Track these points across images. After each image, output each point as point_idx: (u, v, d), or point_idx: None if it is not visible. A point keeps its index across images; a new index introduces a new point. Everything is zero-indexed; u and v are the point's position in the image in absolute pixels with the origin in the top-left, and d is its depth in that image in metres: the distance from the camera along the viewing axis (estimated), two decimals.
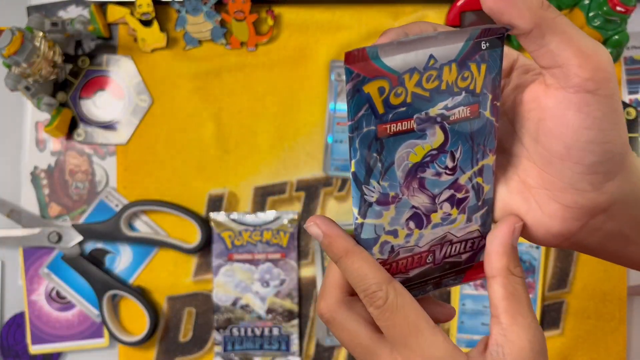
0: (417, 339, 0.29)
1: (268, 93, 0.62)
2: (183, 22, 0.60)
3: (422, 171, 0.29)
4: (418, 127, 0.28)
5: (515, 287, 0.30)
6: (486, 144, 0.30)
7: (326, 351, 0.61)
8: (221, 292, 0.61)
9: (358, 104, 0.27)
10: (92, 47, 0.63)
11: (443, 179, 0.30)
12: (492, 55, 0.28)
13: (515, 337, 0.29)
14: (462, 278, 0.33)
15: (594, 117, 0.27)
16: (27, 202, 0.62)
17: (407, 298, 0.29)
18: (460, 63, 0.28)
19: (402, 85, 0.27)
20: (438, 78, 0.28)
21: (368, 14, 0.61)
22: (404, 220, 0.30)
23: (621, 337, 0.60)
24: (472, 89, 0.28)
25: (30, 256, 0.62)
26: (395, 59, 0.27)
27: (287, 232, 0.61)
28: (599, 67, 0.27)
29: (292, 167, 0.62)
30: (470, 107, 0.29)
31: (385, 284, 0.29)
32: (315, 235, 0.31)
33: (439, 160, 0.29)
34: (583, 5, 0.54)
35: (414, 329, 0.29)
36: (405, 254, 0.31)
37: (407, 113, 0.28)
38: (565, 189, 0.29)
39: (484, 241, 0.32)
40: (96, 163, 0.62)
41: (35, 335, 0.62)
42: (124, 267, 0.62)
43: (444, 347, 0.29)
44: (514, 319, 0.29)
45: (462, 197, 0.31)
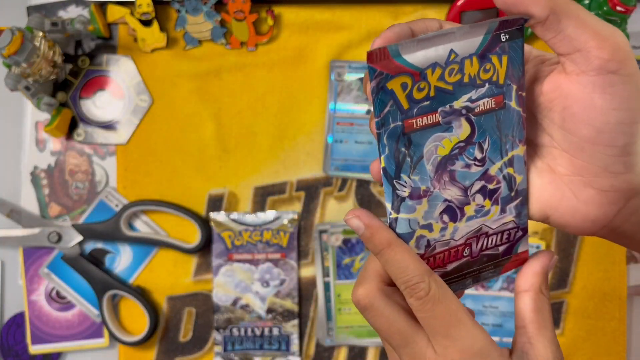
0: (459, 330, 0.29)
1: (268, 93, 0.62)
2: (183, 22, 0.60)
3: (451, 164, 0.30)
4: (443, 120, 0.29)
5: (543, 304, 0.31)
6: (515, 135, 0.30)
7: (326, 351, 0.61)
8: (221, 292, 0.61)
9: (383, 101, 0.28)
10: (92, 47, 0.63)
11: (473, 171, 0.30)
12: (512, 47, 0.28)
13: (541, 347, 0.31)
14: (501, 270, 0.34)
15: (621, 97, 0.27)
16: (27, 202, 0.62)
17: (448, 290, 0.30)
18: (481, 56, 0.28)
19: (424, 80, 0.28)
20: (460, 71, 0.28)
21: (368, 14, 0.61)
22: (438, 214, 0.30)
23: (621, 337, 0.60)
24: (495, 81, 0.29)
25: (30, 256, 0.62)
26: (417, 55, 0.27)
27: (287, 232, 0.61)
28: (617, 47, 0.27)
29: (292, 167, 0.62)
30: (494, 99, 0.29)
31: (427, 275, 0.29)
32: (356, 227, 0.31)
33: (467, 152, 0.30)
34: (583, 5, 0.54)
35: (455, 320, 0.29)
36: (442, 248, 0.31)
37: (431, 107, 0.28)
38: (599, 173, 0.29)
39: (520, 232, 0.32)
40: (96, 163, 0.62)
41: (35, 335, 0.62)
42: (124, 267, 0.62)
43: (483, 338, 0.29)
44: (539, 331, 0.31)
45: (494, 188, 0.31)
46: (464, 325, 0.29)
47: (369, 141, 0.61)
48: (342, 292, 0.60)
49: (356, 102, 0.61)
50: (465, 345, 0.29)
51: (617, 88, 0.27)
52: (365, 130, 0.61)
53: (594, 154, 0.29)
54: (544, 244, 0.60)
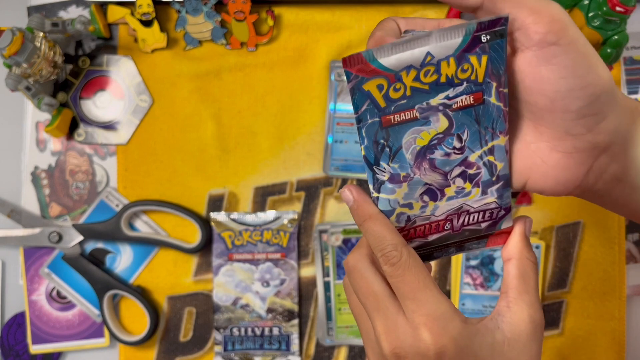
0: (425, 294, 0.31)
1: (268, 93, 0.62)
2: (183, 23, 0.60)
3: (430, 153, 0.31)
4: (421, 116, 0.30)
5: (526, 269, 0.33)
6: (495, 127, 0.31)
7: (326, 351, 0.61)
8: (221, 291, 0.61)
9: (360, 101, 0.29)
10: (92, 47, 0.63)
11: (452, 158, 0.31)
12: (493, 47, 0.29)
13: (518, 309, 0.32)
14: (486, 244, 0.35)
15: (565, 65, 0.29)
16: (28, 202, 0.62)
17: (419, 260, 0.32)
18: (458, 57, 0.29)
19: (400, 81, 0.29)
20: (436, 72, 0.29)
21: (368, 14, 0.62)
22: (418, 195, 0.32)
23: (621, 337, 0.60)
24: (473, 79, 0.29)
25: (30, 256, 0.62)
26: (391, 59, 0.29)
27: (287, 232, 0.61)
28: (552, 19, 0.28)
29: (292, 167, 0.62)
30: (473, 95, 0.30)
31: (401, 246, 0.32)
32: (346, 199, 0.34)
33: (446, 142, 0.31)
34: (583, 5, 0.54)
35: (423, 285, 0.31)
36: (422, 222, 0.33)
37: (408, 104, 0.30)
38: (561, 137, 0.31)
39: (503, 212, 0.33)
40: (96, 163, 0.62)
41: (36, 335, 0.62)
42: (124, 267, 0.62)
43: (447, 304, 0.31)
44: (519, 294, 0.32)
45: (474, 173, 0.32)
46: (430, 291, 0.31)
47: None
48: (342, 291, 0.61)
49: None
50: (430, 309, 0.31)
51: (561, 58, 0.29)
52: None
53: (553, 121, 0.30)
54: (543, 244, 0.60)
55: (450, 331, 0.31)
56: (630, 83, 0.61)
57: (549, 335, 0.60)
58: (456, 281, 0.60)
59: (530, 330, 0.32)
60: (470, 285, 0.60)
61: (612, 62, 0.56)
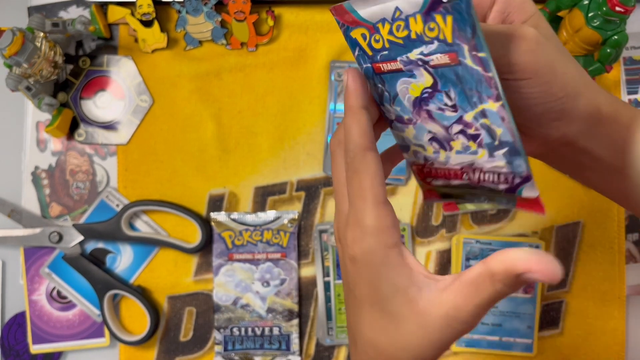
0: (360, 203, 0.31)
1: (268, 93, 0.62)
2: (183, 23, 0.61)
3: (425, 104, 0.32)
4: (405, 68, 0.31)
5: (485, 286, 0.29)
6: (480, 90, 0.30)
7: (326, 350, 0.61)
8: (221, 291, 0.61)
9: (352, 46, 0.32)
10: (92, 47, 0.63)
11: (448, 114, 0.32)
12: (455, 8, 0.28)
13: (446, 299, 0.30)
14: (515, 204, 0.34)
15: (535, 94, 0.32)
16: (28, 202, 0.62)
17: (370, 169, 0.31)
18: (425, 14, 0.29)
19: (378, 32, 0.31)
20: (406, 28, 0.30)
21: None
22: (427, 140, 0.33)
23: (620, 337, 0.60)
24: (442, 39, 0.29)
25: (31, 256, 0.62)
26: (366, 11, 0.30)
27: (288, 232, 0.61)
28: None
29: (292, 167, 0.62)
30: (448, 55, 0.30)
31: (360, 149, 0.31)
32: (344, 83, 0.34)
33: (437, 97, 0.31)
34: (582, 5, 0.54)
35: (362, 195, 0.31)
36: (440, 166, 0.34)
37: (390, 56, 0.31)
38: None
39: (518, 179, 0.32)
40: (97, 163, 0.62)
41: (36, 335, 0.62)
42: (124, 266, 0.62)
43: (375, 220, 0.30)
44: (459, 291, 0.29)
45: (474, 133, 0.32)
46: (364, 202, 0.31)
47: None
48: (342, 292, 0.61)
49: None
50: (359, 217, 0.31)
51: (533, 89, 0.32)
52: None
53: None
54: (543, 243, 0.60)
55: (364, 245, 0.30)
56: (629, 83, 0.61)
57: (549, 334, 0.61)
58: None
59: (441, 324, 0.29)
60: None
61: (611, 62, 0.56)
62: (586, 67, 0.57)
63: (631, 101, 0.61)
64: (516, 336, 0.60)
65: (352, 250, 0.31)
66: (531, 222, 0.61)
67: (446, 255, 0.61)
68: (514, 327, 0.60)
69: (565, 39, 0.57)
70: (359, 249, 0.31)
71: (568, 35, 0.57)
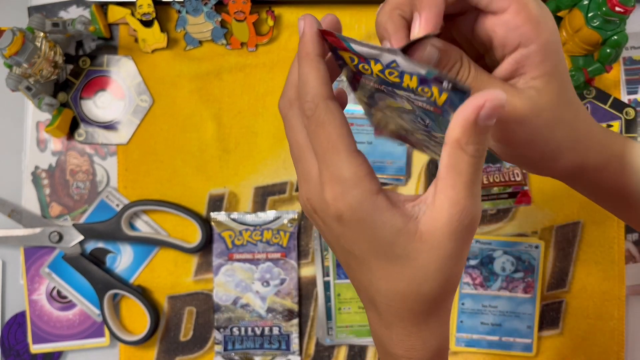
0: (332, 156, 0.29)
1: (268, 93, 0.62)
2: (183, 23, 0.61)
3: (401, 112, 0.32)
4: (387, 91, 0.31)
5: (458, 160, 0.28)
6: None
7: (326, 350, 0.61)
8: (221, 291, 0.61)
9: (336, 57, 0.31)
10: (92, 47, 0.63)
11: (419, 125, 0.32)
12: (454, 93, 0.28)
13: (439, 205, 0.28)
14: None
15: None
16: (28, 202, 0.62)
17: (336, 118, 0.29)
18: (421, 79, 0.28)
19: (367, 64, 0.30)
20: (399, 77, 0.29)
21: (368, 15, 0.62)
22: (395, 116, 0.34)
23: (620, 337, 0.60)
24: (433, 101, 0.29)
25: (31, 256, 0.62)
26: (362, 49, 0.29)
27: (287, 231, 0.61)
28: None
29: (292, 167, 0.62)
30: (434, 108, 0.29)
31: (321, 98, 0.29)
32: (299, 29, 0.31)
33: (413, 114, 0.32)
34: (582, 5, 0.54)
35: (332, 147, 0.29)
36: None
37: (375, 80, 0.31)
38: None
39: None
40: (97, 163, 0.62)
41: (36, 335, 0.62)
42: (124, 266, 0.62)
43: (354, 170, 0.29)
44: (444, 189, 0.28)
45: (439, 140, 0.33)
46: (337, 154, 0.29)
47: (369, 141, 0.61)
48: (342, 291, 0.61)
49: (356, 103, 0.61)
50: (334, 172, 0.29)
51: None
52: (365, 131, 0.61)
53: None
54: (543, 243, 0.60)
55: (349, 199, 0.29)
56: (629, 83, 0.61)
57: (549, 335, 0.61)
58: None
59: (448, 230, 0.28)
60: (469, 285, 0.60)
61: (611, 62, 0.56)
62: (586, 67, 0.57)
63: (631, 101, 0.61)
64: (516, 336, 0.60)
65: (337, 209, 0.29)
66: (531, 222, 0.61)
67: None
68: (514, 327, 0.60)
69: (565, 39, 0.57)
70: (344, 205, 0.29)
71: (568, 35, 0.57)
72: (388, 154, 0.61)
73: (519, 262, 0.60)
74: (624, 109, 0.61)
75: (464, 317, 0.60)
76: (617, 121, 0.61)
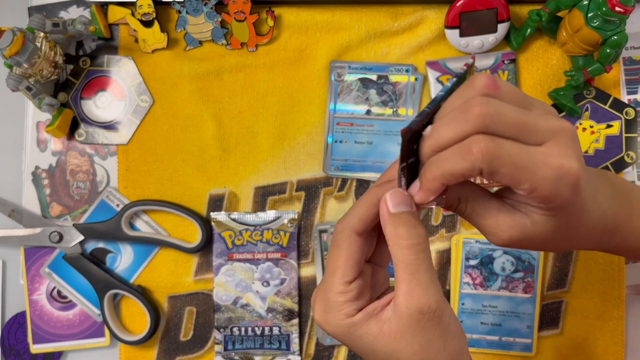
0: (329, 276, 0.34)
1: (268, 93, 0.62)
2: (184, 23, 0.61)
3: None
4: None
5: (399, 255, 0.32)
6: None
7: (326, 350, 0.62)
8: (222, 291, 0.61)
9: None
10: (93, 47, 0.63)
11: None
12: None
13: (398, 302, 0.32)
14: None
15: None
16: (29, 202, 0.62)
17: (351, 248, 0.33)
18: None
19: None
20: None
21: (367, 15, 0.62)
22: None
23: (620, 337, 0.60)
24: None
25: (31, 256, 0.62)
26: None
27: (288, 231, 0.61)
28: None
29: (292, 167, 0.62)
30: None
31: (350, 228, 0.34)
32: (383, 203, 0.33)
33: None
34: (582, 5, 0.54)
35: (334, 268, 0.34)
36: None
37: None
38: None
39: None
40: (97, 163, 0.63)
41: (37, 335, 0.62)
42: (125, 266, 0.62)
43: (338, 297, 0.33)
44: (398, 284, 0.32)
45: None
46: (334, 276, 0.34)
47: (369, 141, 0.61)
48: None
49: (356, 103, 0.61)
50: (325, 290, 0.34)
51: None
52: (364, 131, 0.61)
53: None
54: None
55: (328, 318, 0.34)
56: (629, 83, 0.61)
57: (549, 334, 0.61)
58: (456, 281, 0.60)
59: (412, 322, 0.31)
60: (469, 285, 0.60)
61: (611, 63, 0.56)
62: (586, 67, 0.57)
63: (630, 101, 0.61)
64: (516, 336, 0.60)
65: (318, 319, 0.34)
66: None
67: (446, 255, 0.61)
68: (514, 327, 0.60)
69: (564, 39, 0.57)
70: (324, 321, 0.34)
71: (568, 35, 0.57)
72: (388, 154, 0.61)
73: (518, 262, 0.60)
74: (624, 109, 0.61)
75: (463, 317, 0.60)
76: (617, 121, 0.61)
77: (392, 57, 0.62)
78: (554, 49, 0.61)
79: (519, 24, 0.60)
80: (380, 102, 0.61)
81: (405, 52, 0.61)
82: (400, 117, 0.61)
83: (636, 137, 0.61)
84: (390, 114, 0.61)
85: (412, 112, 0.61)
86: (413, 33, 0.61)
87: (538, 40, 0.61)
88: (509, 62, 0.60)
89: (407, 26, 0.61)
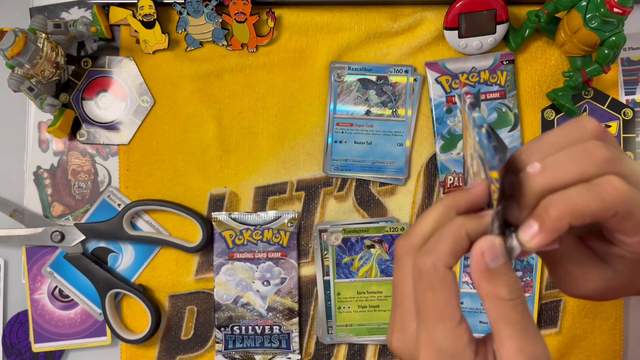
0: (436, 324, 0.30)
1: (268, 94, 0.62)
2: (184, 24, 0.61)
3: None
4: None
5: (500, 310, 0.29)
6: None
7: (326, 349, 0.62)
8: (222, 290, 0.61)
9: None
10: (94, 48, 0.63)
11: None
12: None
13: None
14: None
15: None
16: (30, 202, 0.63)
17: (449, 288, 0.30)
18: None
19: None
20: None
21: (367, 16, 0.62)
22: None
23: (618, 336, 0.61)
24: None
25: (33, 255, 0.62)
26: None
27: (288, 231, 0.61)
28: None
29: (292, 167, 0.62)
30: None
31: (444, 266, 0.30)
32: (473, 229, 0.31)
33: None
34: (580, 6, 0.54)
35: (438, 315, 0.30)
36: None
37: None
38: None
39: None
40: (99, 163, 0.63)
41: (38, 334, 0.62)
42: (126, 265, 0.62)
43: (454, 343, 0.29)
44: (504, 341, 0.29)
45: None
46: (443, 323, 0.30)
47: (368, 141, 0.61)
48: (342, 290, 0.61)
49: (355, 103, 0.61)
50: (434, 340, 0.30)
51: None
52: (364, 131, 0.61)
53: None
54: None
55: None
56: (627, 84, 0.62)
57: (547, 333, 0.61)
58: None
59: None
60: (468, 284, 0.60)
61: (609, 63, 0.56)
62: (584, 67, 0.57)
63: (628, 102, 0.62)
64: None
65: None
66: None
67: None
68: None
69: (563, 40, 0.58)
70: None
71: (566, 36, 0.57)
72: (388, 154, 0.61)
73: (517, 261, 0.60)
74: (622, 110, 0.61)
75: None
76: (615, 122, 0.61)
77: (392, 58, 0.62)
78: (553, 49, 0.61)
79: (517, 25, 0.60)
80: (380, 102, 0.61)
81: (404, 53, 0.62)
82: (400, 118, 0.61)
83: (634, 137, 0.61)
84: (390, 115, 0.61)
85: (412, 113, 0.61)
86: (412, 34, 0.62)
87: (537, 41, 0.61)
88: (508, 62, 0.61)
89: (406, 27, 0.62)
